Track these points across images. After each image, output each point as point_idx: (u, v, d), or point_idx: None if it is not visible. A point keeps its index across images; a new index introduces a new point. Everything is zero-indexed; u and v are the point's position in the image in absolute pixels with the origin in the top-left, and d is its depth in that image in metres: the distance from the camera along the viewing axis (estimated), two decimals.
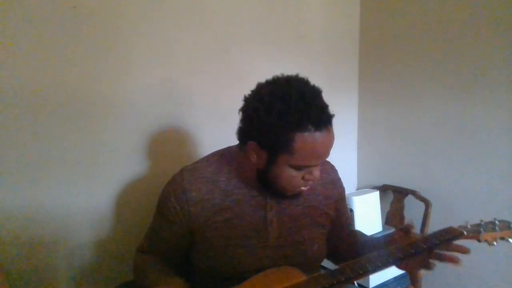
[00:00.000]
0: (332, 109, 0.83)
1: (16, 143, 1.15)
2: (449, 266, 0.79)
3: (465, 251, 0.81)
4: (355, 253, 1.02)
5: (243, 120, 0.89)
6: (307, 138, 0.79)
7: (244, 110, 0.88)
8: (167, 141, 1.44)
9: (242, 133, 0.90)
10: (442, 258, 0.80)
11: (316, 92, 0.83)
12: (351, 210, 1.70)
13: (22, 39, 1.13)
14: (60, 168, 1.23)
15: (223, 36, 1.54)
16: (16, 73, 1.13)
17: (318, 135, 0.80)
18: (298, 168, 0.85)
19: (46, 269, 1.23)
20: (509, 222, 0.87)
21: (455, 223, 0.87)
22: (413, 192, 1.81)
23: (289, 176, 0.86)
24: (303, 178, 0.88)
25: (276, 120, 0.79)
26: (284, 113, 0.79)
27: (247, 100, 0.88)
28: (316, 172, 0.88)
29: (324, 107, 0.82)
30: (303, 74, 0.88)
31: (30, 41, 1.14)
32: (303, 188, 0.91)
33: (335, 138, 0.85)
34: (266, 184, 0.91)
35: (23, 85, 1.14)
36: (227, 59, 1.56)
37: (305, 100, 0.79)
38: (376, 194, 1.85)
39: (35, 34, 1.15)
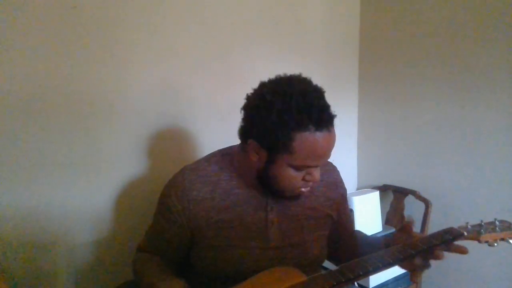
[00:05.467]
0: (332, 108, 0.83)
1: (16, 143, 1.15)
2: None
3: (463, 251, 0.81)
4: (356, 254, 1.01)
5: (245, 119, 0.89)
6: (307, 138, 0.79)
7: (246, 108, 0.88)
8: (167, 141, 1.44)
9: (243, 132, 0.90)
10: (450, 250, 0.82)
11: (318, 92, 0.83)
12: (351, 210, 1.70)
13: (21, 39, 1.13)
14: (60, 168, 1.23)
15: (223, 36, 1.54)
16: (16, 73, 1.13)
17: (318, 135, 0.79)
18: (297, 168, 0.84)
19: (46, 269, 1.23)
20: (509, 223, 0.87)
21: (455, 223, 0.87)
22: (413, 192, 1.81)
23: (289, 176, 0.86)
24: (303, 179, 0.87)
25: (277, 119, 0.79)
26: (284, 112, 0.78)
27: (249, 98, 0.88)
28: (316, 173, 0.88)
29: (325, 107, 0.81)
30: (303, 74, 0.88)
31: (30, 41, 1.14)
32: (303, 189, 0.90)
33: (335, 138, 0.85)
34: (266, 184, 0.90)
35: (23, 85, 1.14)
36: (227, 59, 1.56)
37: (306, 100, 0.79)
38: (376, 194, 1.85)
39: (35, 34, 1.15)
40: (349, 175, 2.09)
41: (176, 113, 1.45)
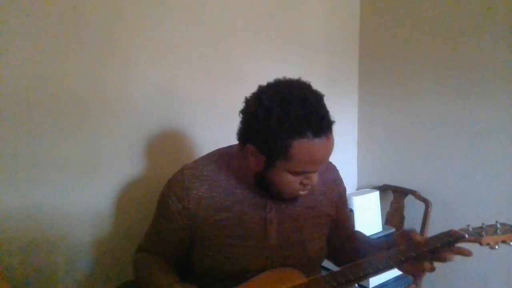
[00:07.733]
0: (332, 108, 0.83)
1: (16, 143, 1.15)
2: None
3: (466, 253, 0.81)
4: (356, 254, 1.02)
5: (243, 123, 0.88)
6: (305, 145, 0.79)
7: (244, 112, 0.88)
8: (166, 141, 1.44)
9: (241, 135, 0.89)
10: (452, 252, 0.82)
11: (317, 98, 0.82)
12: (351, 210, 1.70)
13: (22, 39, 1.13)
14: (60, 168, 1.23)
15: (223, 36, 1.54)
16: (15, 73, 1.13)
17: (316, 142, 0.79)
18: (295, 173, 0.84)
19: (46, 269, 1.23)
20: (510, 225, 0.87)
21: (455, 223, 0.87)
22: (413, 192, 1.81)
23: (287, 181, 0.86)
24: (301, 182, 0.87)
25: (275, 125, 0.78)
26: (283, 119, 0.78)
27: (247, 102, 0.87)
28: (315, 177, 0.88)
29: (324, 114, 0.80)
30: (303, 74, 0.87)
31: (30, 41, 1.14)
32: (301, 192, 0.90)
33: (335, 138, 0.84)
34: (264, 186, 0.91)
35: (23, 85, 1.14)
36: (227, 60, 1.56)
37: (305, 106, 0.78)
38: (376, 194, 1.85)
39: (35, 34, 1.15)
40: (349, 175, 2.09)
41: (175, 113, 1.45)
